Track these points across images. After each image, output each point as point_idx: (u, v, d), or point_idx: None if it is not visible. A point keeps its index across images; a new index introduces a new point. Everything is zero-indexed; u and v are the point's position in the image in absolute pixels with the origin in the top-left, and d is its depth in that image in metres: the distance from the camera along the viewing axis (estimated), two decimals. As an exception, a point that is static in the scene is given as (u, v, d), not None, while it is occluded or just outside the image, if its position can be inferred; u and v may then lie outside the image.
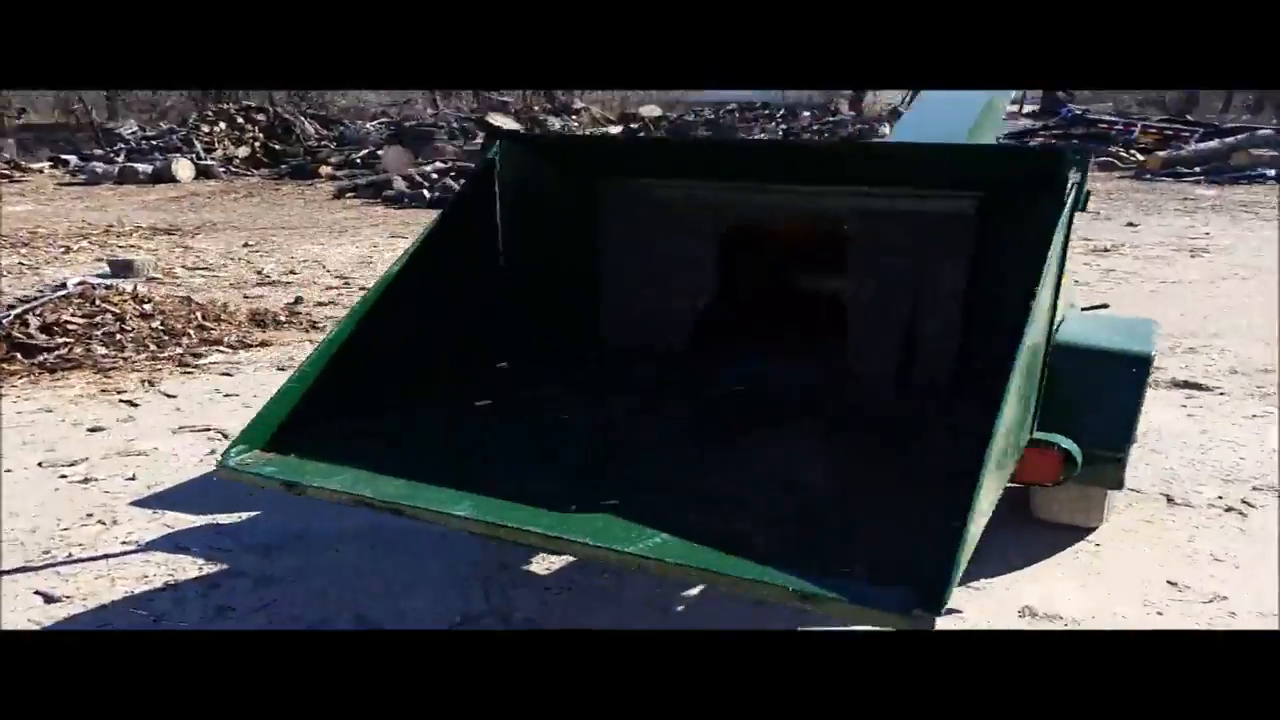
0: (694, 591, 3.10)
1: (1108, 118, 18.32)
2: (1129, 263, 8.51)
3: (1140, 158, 15.61)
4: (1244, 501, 3.68)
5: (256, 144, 19.98)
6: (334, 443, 2.34)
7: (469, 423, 2.72)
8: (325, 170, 17.66)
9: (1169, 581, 3.12)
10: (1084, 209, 2.49)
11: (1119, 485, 3.09)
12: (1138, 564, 3.24)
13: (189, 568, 3.22)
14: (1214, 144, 15.25)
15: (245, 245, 9.92)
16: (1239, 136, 15.49)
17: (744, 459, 2.57)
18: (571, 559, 3.26)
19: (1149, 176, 14.55)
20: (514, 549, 3.28)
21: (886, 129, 26.11)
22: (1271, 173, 13.67)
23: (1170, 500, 3.71)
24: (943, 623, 1.74)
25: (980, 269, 2.86)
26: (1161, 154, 15.23)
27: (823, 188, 3.00)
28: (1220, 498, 3.72)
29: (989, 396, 2.56)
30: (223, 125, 20.38)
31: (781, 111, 28.86)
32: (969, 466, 1.82)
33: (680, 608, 3.02)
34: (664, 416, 2.89)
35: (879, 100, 33.77)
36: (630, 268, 3.26)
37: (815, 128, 25.84)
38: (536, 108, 28.93)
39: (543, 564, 3.24)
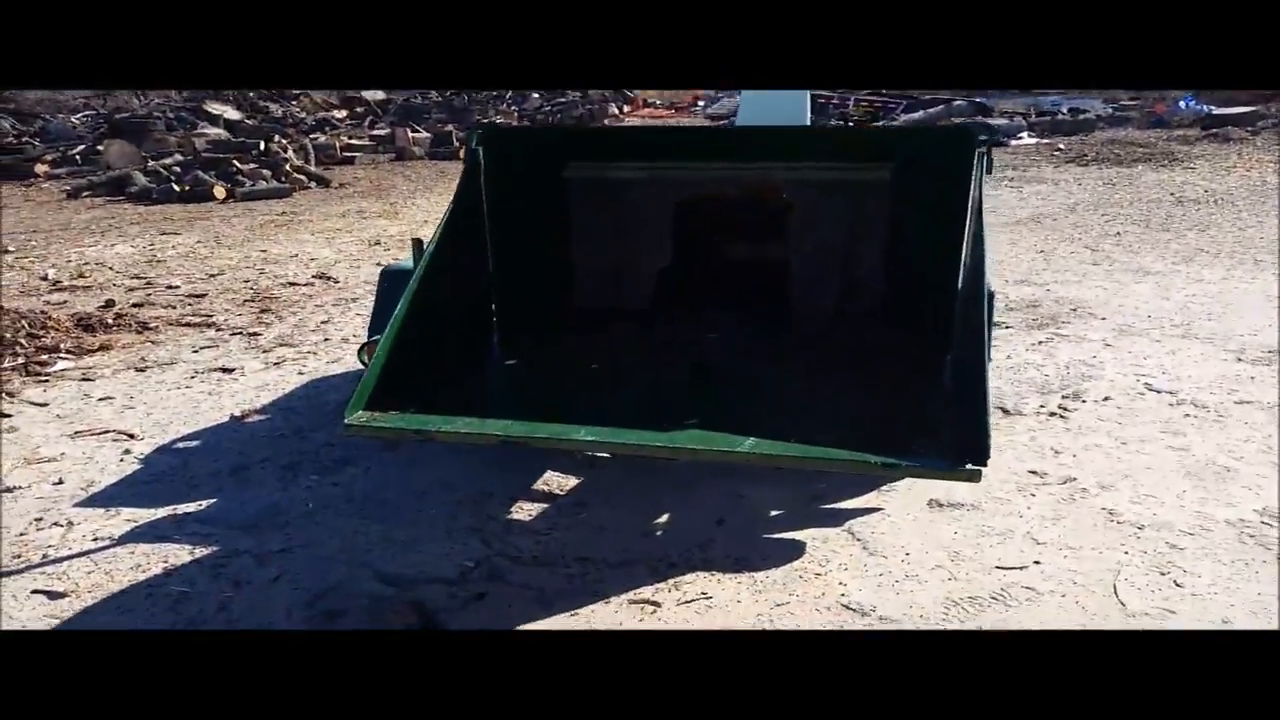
0: (662, 519, 3.54)
1: (825, 92, 19.97)
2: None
3: (855, 127, 17.27)
4: (1061, 408, 4.53)
5: (-55, 144, 18.15)
6: (421, 401, 2.61)
7: (518, 375, 3.04)
8: (42, 169, 16.36)
9: (1030, 471, 3.87)
10: (990, 172, 3.16)
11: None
12: (1003, 461, 3.96)
13: (180, 554, 3.31)
14: (919, 115, 17.12)
15: (7, 252, 9.24)
16: (939, 108, 17.47)
17: (757, 382, 3.05)
18: (546, 505, 3.63)
19: (872, 147, 16.15)
20: (485, 504, 3.62)
21: (613, 107, 27.09)
22: (974, 140, 15.51)
23: (1006, 412, 4.50)
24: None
25: (896, 222, 3.48)
26: (879, 125, 16.93)
27: (763, 163, 3.52)
28: (1043, 406, 4.55)
29: (914, 322, 3.20)
30: (-97, 125, 18.35)
31: (510, 93, 29.13)
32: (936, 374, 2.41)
33: (659, 533, 3.45)
34: (674, 358, 3.32)
35: (600, 83, 34.67)
36: (598, 239, 3.65)
37: (547, 109, 26.36)
38: (253, 94, 27.76)
39: (524, 512, 3.57)
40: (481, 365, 3.21)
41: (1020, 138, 15.42)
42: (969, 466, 2.22)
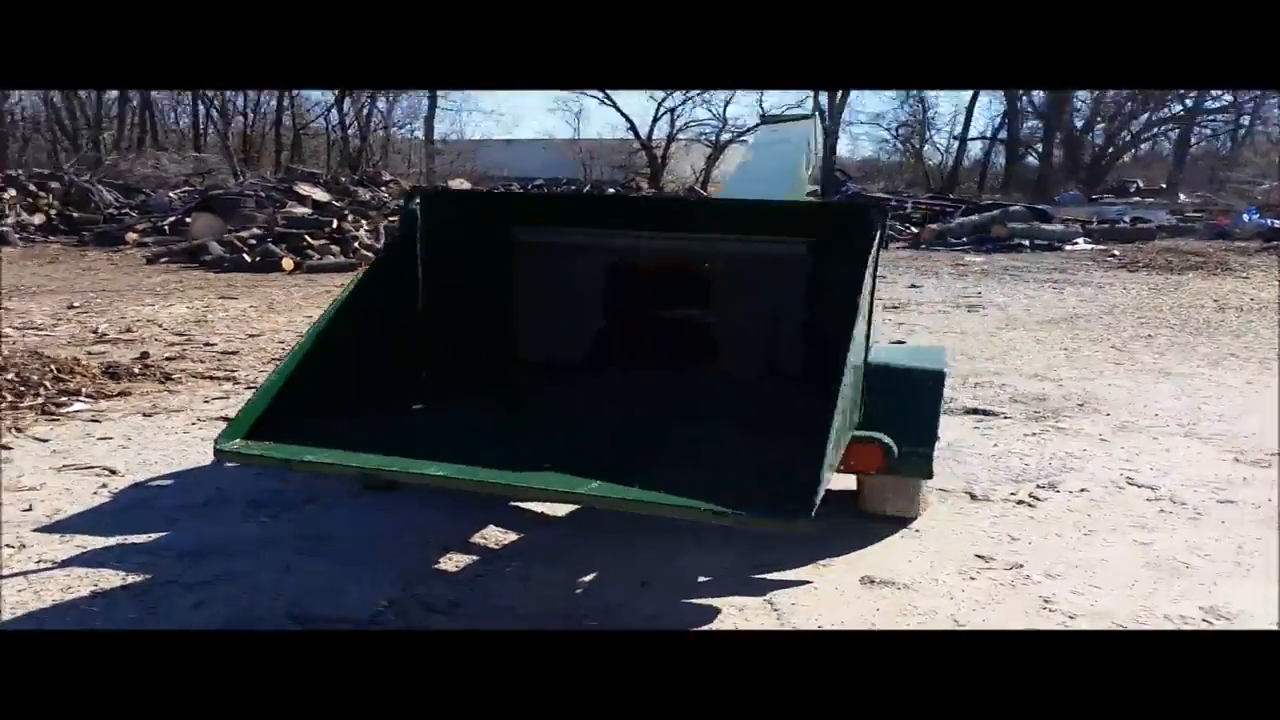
0: (589, 577, 3.55)
1: (883, 195, 20.25)
2: (916, 317, 9.58)
3: (915, 230, 17.34)
4: (1031, 496, 4.44)
5: (52, 211, 19.26)
6: (304, 434, 2.70)
7: (415, 417, 3.13)
8: (132, 237, 17.24)
9: (977, 555, 3.79)
10: (886, 247, 3.23)
11: (929, 475, 3.80)
12: (952, 543, 3.90)
13: (113, 578, 3.41)
14: (975, 218, 17.16)
15: (71, 307, 9.73)
16: (995, 211, 17.52)
17: (667, 438, 3.09)
18: (478, 557, 3.67)
19: (924, 246, 16.20)
20: (427, 548, 3.67)
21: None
22: (1026, 242, 15.49)
23: (973, 497, 4.43)
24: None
25: (814, 295, 3.54)
26: (933, 226, 17.00)
27: (689, 234, 3.64)
28: (1013, 494, 4.47)
29: (828, 386, 3.24)
30: (13, 192, 19.52)
31: (588, 188, 29.99)
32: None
33: (579, 590, 3.45)
34: (584, 409, 3.39)
35: (677, 180, 35.62)
36: (537, 298, 3.77)
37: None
38: (344, 179, 29.02)
39: (451, 563, 3.61)
40: (396, 409, 3.30)
41: (1075, 243, 15.30)
42: (789, 518, 2.24)
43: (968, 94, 31.49)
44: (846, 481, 4.22)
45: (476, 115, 42.91)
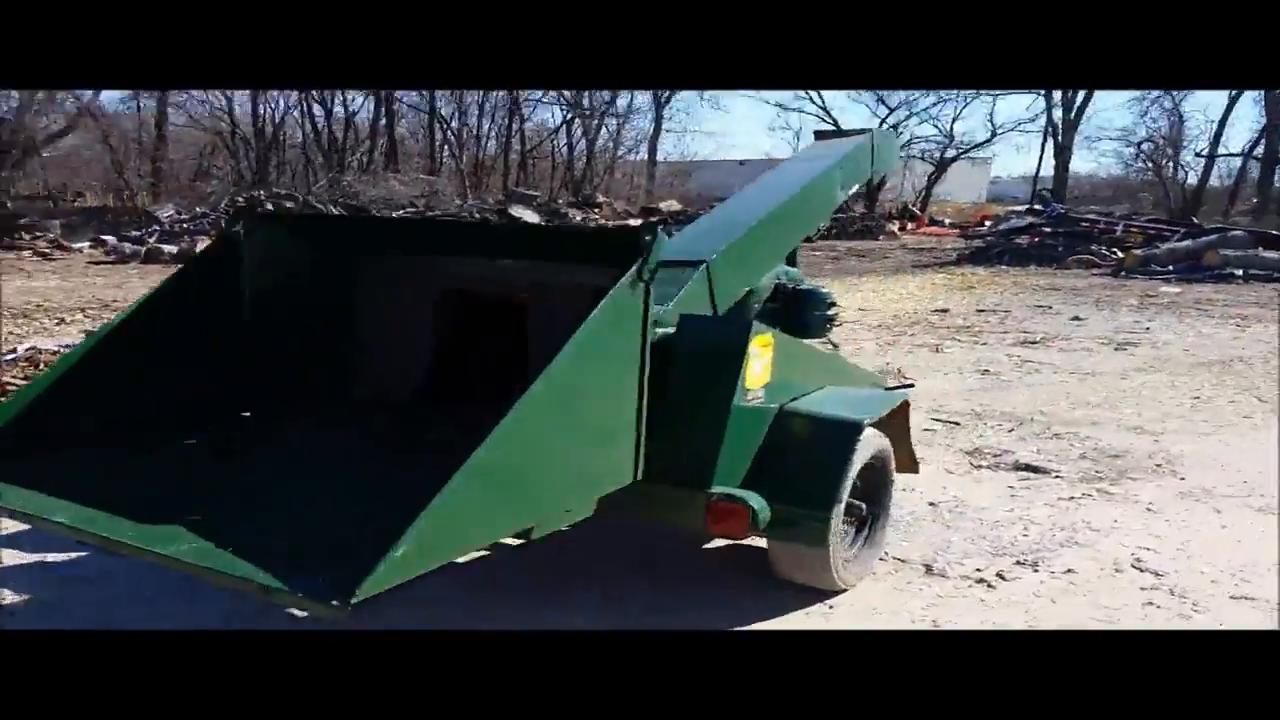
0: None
1: (1091, 216, 18.68)
2: (1052, 355, 8.71)
3: (1120, 255, 15.84)
4: (999, 574, 3.86)
5: (279, 229, 20.93)
6: (41, 461, 2.66)
7: (148, 457, 3.00)
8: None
9: (869, 639, 3.32)
10: (651, 280, 2.84)
11: (820, 543, 3.35)
12: (860, 625, 3.43)
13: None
14: (1188, 244, 15.49)
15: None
16: (1212, 237, 15.75)
17: (359, 492, 2.87)
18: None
19: (1123, 274, 14.76)
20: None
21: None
22: (1240, 272, 13.82)
23: (929, 570, 3.90)
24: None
25: None
26: (1138, 252, 15.48)
27: (508, 261, 3.43)
28: (979, 570, 3.90)
29: None
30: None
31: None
32: None
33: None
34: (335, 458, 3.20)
35: (895, 200, 34.37)
36: (369, 328, 3.64)
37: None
38: (560, 201, 29.98)
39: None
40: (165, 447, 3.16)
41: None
42: (321, 599, 1.95)
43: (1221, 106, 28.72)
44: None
45: (700, 136, 43.46)
